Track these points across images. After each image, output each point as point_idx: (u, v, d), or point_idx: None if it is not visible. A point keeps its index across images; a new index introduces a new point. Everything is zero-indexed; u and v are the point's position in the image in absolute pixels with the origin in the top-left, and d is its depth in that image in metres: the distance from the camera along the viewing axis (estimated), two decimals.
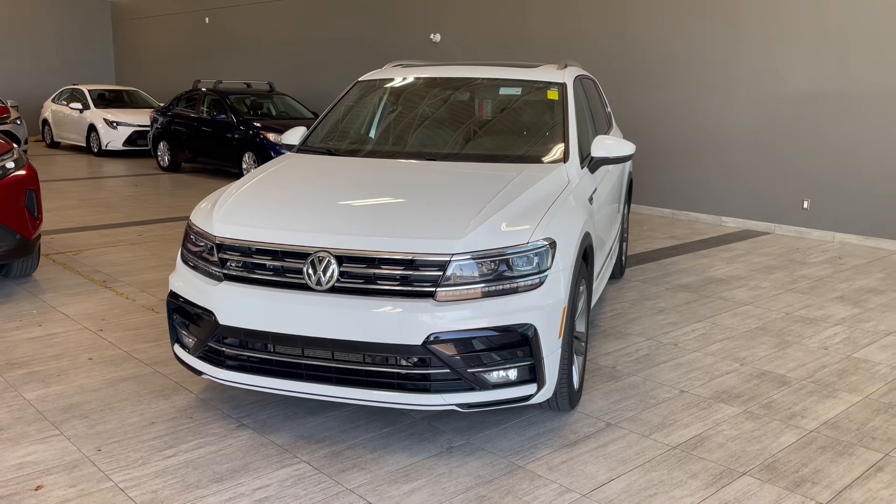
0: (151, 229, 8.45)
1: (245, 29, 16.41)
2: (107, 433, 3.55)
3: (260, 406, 3.86)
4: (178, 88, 17.45)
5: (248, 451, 3.40)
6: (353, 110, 5.00)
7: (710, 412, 3.88)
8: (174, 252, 7.30)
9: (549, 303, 3.29)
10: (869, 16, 7.89)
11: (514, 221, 3.39)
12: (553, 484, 3.14)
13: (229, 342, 3.43)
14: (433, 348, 3.14)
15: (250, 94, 13.26)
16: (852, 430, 3.70)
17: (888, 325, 5.39)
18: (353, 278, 3.25)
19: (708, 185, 9.43)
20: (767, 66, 8.71)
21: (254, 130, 11.88)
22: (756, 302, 5.91)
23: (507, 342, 3.22)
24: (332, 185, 3.92)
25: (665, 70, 9.63)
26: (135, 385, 4.12)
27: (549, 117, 4.55)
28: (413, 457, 3.36)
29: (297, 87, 14.86)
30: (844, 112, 8.17)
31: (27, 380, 4.17)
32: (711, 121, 9.27)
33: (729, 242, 8.26)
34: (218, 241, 3.48)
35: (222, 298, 3.37)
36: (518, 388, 3.28)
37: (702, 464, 3.34)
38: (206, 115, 12.90)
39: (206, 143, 12.79)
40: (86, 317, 5.29)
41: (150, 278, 6.33)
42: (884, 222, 8.03)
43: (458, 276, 3.20)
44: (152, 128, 14.04)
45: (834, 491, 3.14)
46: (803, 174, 8.58)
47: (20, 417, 3.71)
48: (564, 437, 3.56)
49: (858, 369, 4.52)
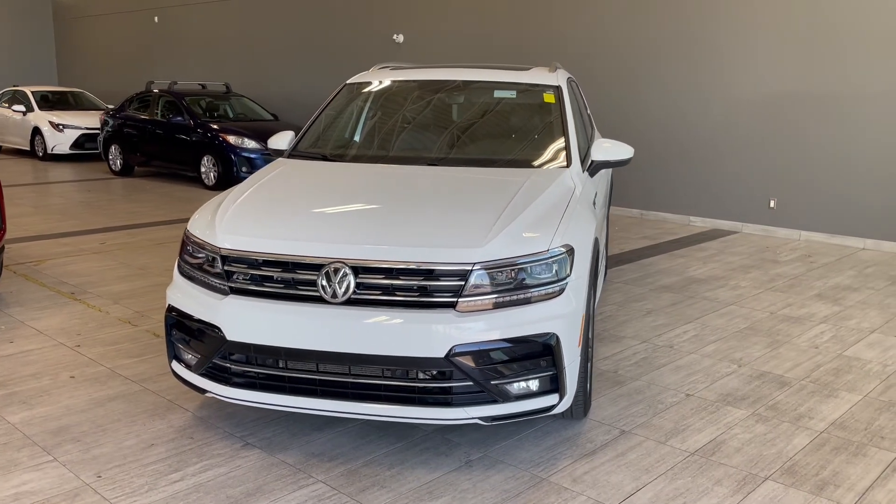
0: (114, 237, 8.13)
1: (197, 29, 16.00)
2: (104, 457, 3.35)
3: (263, 424, 3.70)
4: (125, 89, 16.93)
5: (260, 471, 3.25)
6: (344, 114, 4.87)
7: (719, 416, 3.87)
8: (143, 261, 7.04)
9: (569, 311, 3.23)
10: (834, 19, 8.07)
11: (532, 229, 3.32)
12: (581, 496, 3.08)
13: (236, 358, 3.28)
14: (456, 360, 3.04)
15: (206, 96, 12.92)
16: (860, 430, 3.73)
17: (870, 322, 5.50)
18: (369, 290, 3.14)
19: (675, 186, 9.53)
20: (733, 68, 8.84)
21: (212, 133, 11.57)
22: (739, 302, 5.97)
23: (530, 352, 3.15)
24: (338, 193, 3.79)
25: (631, 72, 9.69)
26: (125, 404, 3.92)
27: (548, 121, 4.49)
28: (432, 472, 3.26)
29: (254, 88, 14.55)
30: (809, 113, 8.34)
31: (7, 401, 3.93)
32: (678, 122, 9.37)
33: (700, 242, 8.36)
34: (223, 252, 3.32)
35: (229, 313, 3.22)
36: (541, 399, 3.20)
37: (723, 470, 3.32)
38: (161, 117, 12.52)
39: (162, 147, 12.41)
40: (59, 332, 5.03)
41: (122, 289, 6.07)
42: (848, 220, 8.23)
43: (479, 286, 3.11)
44: (103, 130, 13.57)
45: (857, 493, 3.15)
46: (769, 174, 8.73)
47: (7, 443, 3.48)
48: (582, 447, 3.50)
49: (852, 368, 4.58)
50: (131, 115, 13.04)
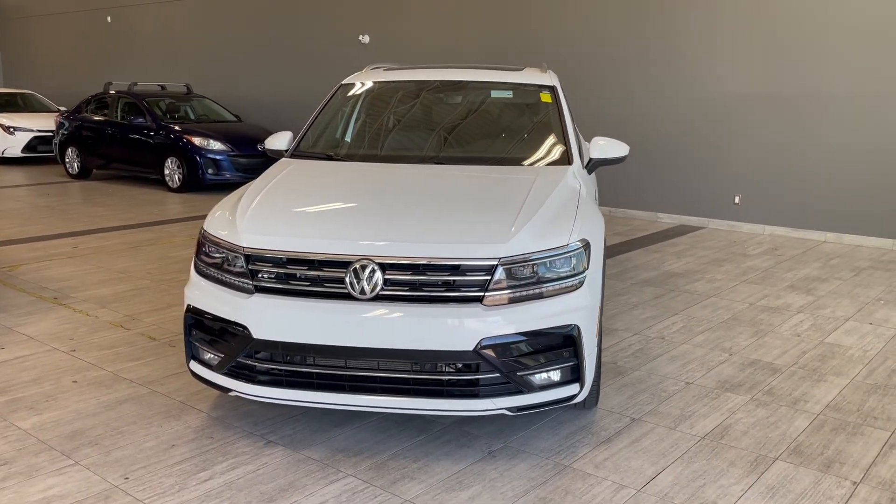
0: (85, 241, 7.98)
1: (153, 29, 15.72)
2: (127, 459, 3.34)
3: (281, 421, 3.72)
4: (77, 91, 16.54)
5: (288, 468, 3.28)
6: (344, 114, 4.90)
7: (720, 402, 4.04)
8: (121, 265, 6.93)
9: (588, 303, 3.34)
10: (796, 22, 8.39)
11: (551, 224, 3.42)
12: (606, 481, 3.19)
13: (261, 356, 3.30)
14: (485, 353, 3.12)
15: (167, 97, 12.72)
16: (854, 412, 3.93)
17: (843, 311, 5.76)
18: (397, 286, 3.19)
19: (643, 184, 9.77)
20: (699, 68, 9.11)
21: (176, 134, 11.41)
22: (719, 294, 6.18)
23: (553, 344, 3.25)
24: (355, 192, 3.84)
25: (597, 71, 9.90)
26: (136, 407, 3.89)
27: (546, 120, 4.61)
28: (458, 463, 3.33)
29: (214, 89, 14.36)
30: (771, 112, 8.66)
31: (13, 407, 3.87)
32: (646, 121, 9.61)
33: (671, 238, 8.59)
34: (247, 251, 3.33)
35: (256, 311, 3.24)
36: (563, 389, 3.31)
37: (734, 452, 3.47)
38: (122, 119, 12.28)
39: (123, 149, 12.17)
40: (51, 337, 4.94)
41: (106, 293, 5.98)
42: (810, 215, 8.56)
43: (504, 280, 3.20)
44: (58, 133, 13.24)
45: (862, 469, 3.33)
46: (734, 171, 9.03)
47: (22, 448, 3.43)
48: (597, 435, 3.62)
49: (835, 354, 4.81)
50: (89, 117, 12.75)
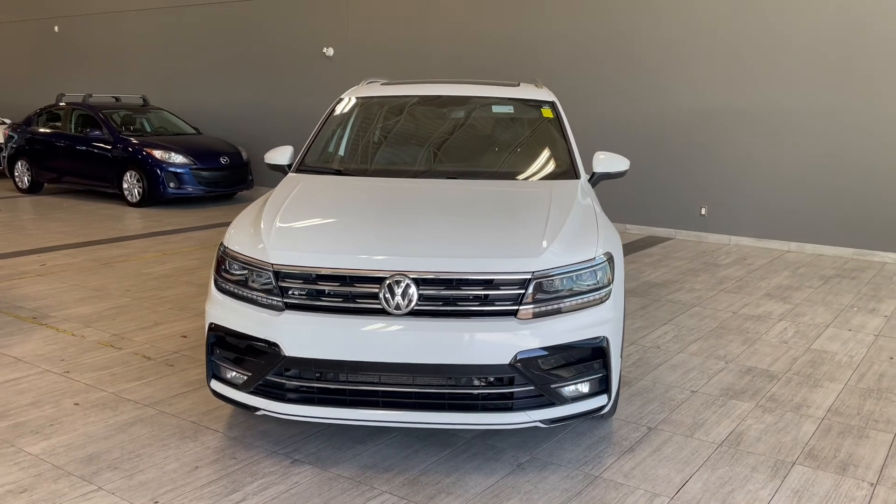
0: (52, 258, 7.72)
1: (104, 39, 15.33)
2: (152, 483, 3.25)
3: (302, 440, 3.67)
4: (22, 103, 16.02)
5: (321, 486, 3.24)
6: (345, 129, 4.88)
7: (728, 409, 4.15)
8: (95, 282, 6.73)
9: (615, 315, 3.40)
10: (759, 38, 8.70)
11: (577, 238, 3.47)
12: (638, 490, 3.25)
13: (291, 374, 3.26)
14: (520, 367, 3.15)
15: (123, 109, 12.41)
16: (855, 415, 4.09)
17: (821, 318, 5.98)
18: (431, 301, 3.20)
19: (611, 196, 9.93)
20: (665, 82, 9.36)
21: (135, 147, 11.15)
22: (701, 303, 6.34)
23: (584, 356, 3.30)
24: (375, 207, 3.83)
25: (565, 84, 10.07)
26: (148, 428, 3.79)
27: (550, 135, 4.68)
28: (490, 477, 3.35)
29: (172, 101, 14.07)
30: (736, 126, 8.94)
31: (18, 432, 3.72)
32: (613, 134, 9.81)
33: (642, 248, 8.78)
34: (276, 268, 3.29)
35: (288, 329, 3.20)
36: (592, 400, 3.36)
37: (754, 458, 3.57)
38: (76, 131, 11.94)
39: (78, 162, 11.82)
40: (39, 358, 4.77)
41: (87, 312, 5.80)
42: (773, 225, 8.86)
43: (537, 294, 3.24)
44: (7, 146, 12.79)
45: (875, 470, 3.47)
46: (700, 183, 9.29)
47: (39, 475, 3.31)
48: (619, 444, 3.68)
49: (824, 360, 4.99)
50: (41, 129, 12.36)
